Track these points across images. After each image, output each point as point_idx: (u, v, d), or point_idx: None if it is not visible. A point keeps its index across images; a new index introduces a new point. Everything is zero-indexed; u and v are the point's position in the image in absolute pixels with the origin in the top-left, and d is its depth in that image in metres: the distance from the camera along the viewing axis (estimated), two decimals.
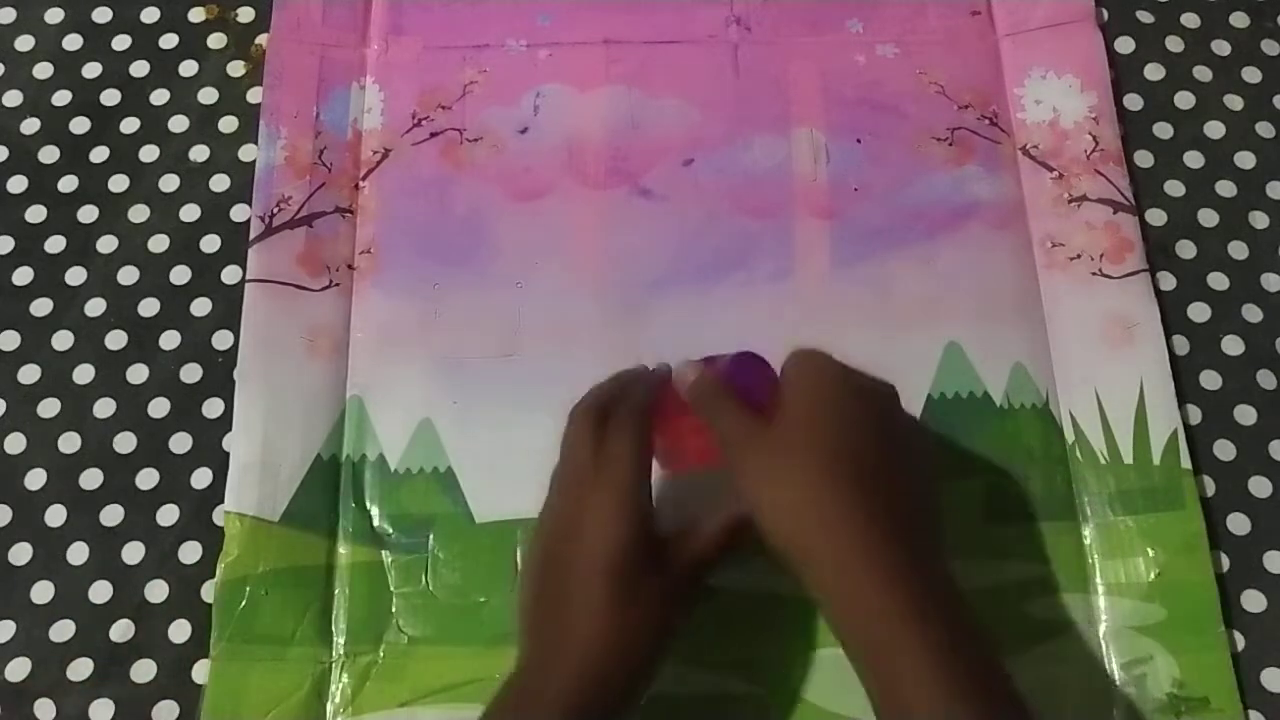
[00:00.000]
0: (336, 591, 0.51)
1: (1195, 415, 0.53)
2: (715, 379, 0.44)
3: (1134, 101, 0.60)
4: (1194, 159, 0.59)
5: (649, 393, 0.46)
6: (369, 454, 0.53)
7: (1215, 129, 0.59)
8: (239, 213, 0.58)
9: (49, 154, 0.59)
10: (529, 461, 0.52)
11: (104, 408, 0.54)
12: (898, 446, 0.42)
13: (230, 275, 0.57)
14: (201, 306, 0.56)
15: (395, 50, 0.61)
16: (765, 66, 0.60)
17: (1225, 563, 0.51)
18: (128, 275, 0.57)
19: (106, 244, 0.57)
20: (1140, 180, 0.58)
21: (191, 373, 0.55)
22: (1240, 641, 0.50)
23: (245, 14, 0.62)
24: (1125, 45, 0.61)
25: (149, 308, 0.56)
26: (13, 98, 0.61)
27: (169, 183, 0.59)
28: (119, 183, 0.59)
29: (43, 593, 0.51)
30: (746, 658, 0.49)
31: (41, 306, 0.56)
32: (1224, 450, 0.53)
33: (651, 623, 0.42)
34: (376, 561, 0.51)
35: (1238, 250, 0.57)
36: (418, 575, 0.51)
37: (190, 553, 0.52)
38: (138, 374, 0.55)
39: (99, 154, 0.59)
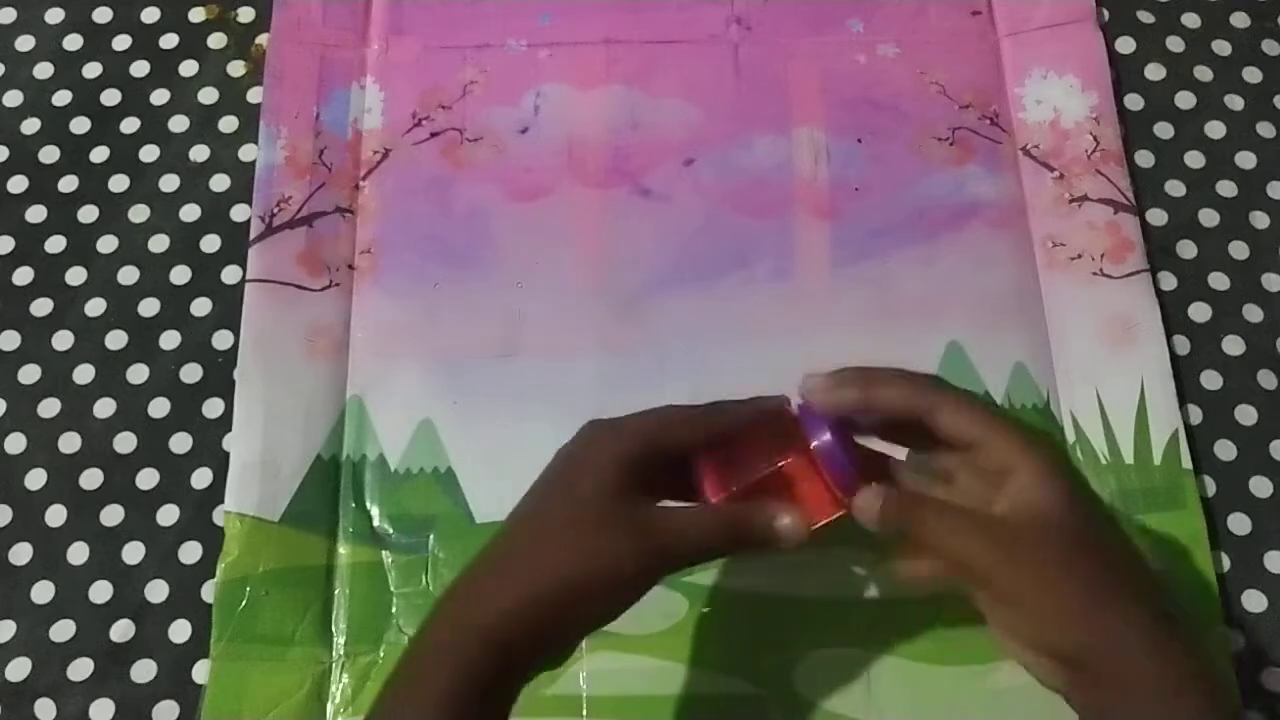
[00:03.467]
0: (337, 591, 0.51)
1: (1196, 415, 0.53)
2: (926, 501, 0.40)
3: (1134, 101, 0.60)
4: (1194, 159, 0.59)
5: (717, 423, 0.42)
6: (369, 454, 0.53)
7: (1216, 129, 0.59)
8: (239, 213, 0.58)
9: (49, 154, 0.59)
10: (529, 461, 0.52)
11: (104, 408, 0.54)
12: (1105, 507, 0.40)
13: (230, 275, 0.56)
14: (201, 306, 0.56)
15: (395, 50, 0.61)
16: (766, 66, 0.60)
17: (1226, 563, 0.51)
18: (128, 275, 0.57)
19: (106, 244, 0.57)
20: (1141, 180, 0.58)
21: (191, 373, 0.55)
22: (1240, 641, 0.50)
23: (245, 14, 0.62)
24: (1126, 45, 0.61)
25: (149, 308, 0.56)
26: (13, 98, 0.60)
27: (169, 183, 0.59)
28: (119, 183, 0.59)
29: (43, 593, 0.51)
30: (746, 658, 0.49)
31: (41, 306, 0.56)
32: (1225, 450, 0.53)
33: (623, 560, 0.39)
34: (377, 561, 0.51)
35: (1238, 250, 0.57)
36: (418, 575, 0.51)
37: (190, 553, 0.52)
38: (138, 374, 0.55)
39: (99, 154, 0.59)
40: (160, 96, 0.60)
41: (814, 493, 0.41)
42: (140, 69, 0.61)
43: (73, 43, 0.62)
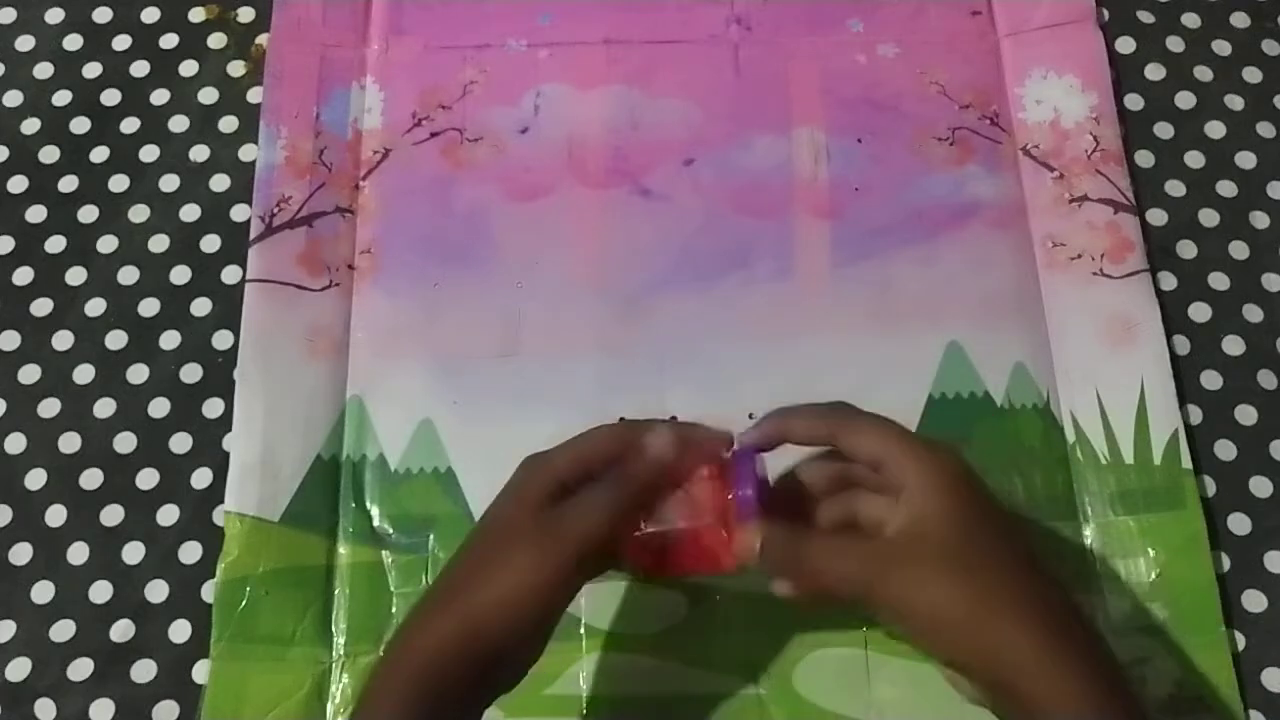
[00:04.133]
0: (336, 591, 0.51)
1: (1196, 415, 0.53)
2: (801, 534, 0.41)
3: (1134, 101, 0.60)
4: (1194, 159, 0.59)
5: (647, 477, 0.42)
6: (369, 454, 0.53)
7: (1216, 129, 0.59)
8: (239, 213, 0.58)
9: (49, 154, 0.59)
10: None
11: (104, 408, 0.54)
12: (1005, 518, 0.41)
13: (230, 275, 0.57)
14: (201, 306, 0.56)
15: (395, 50, 0.61)
16: (766, 66, 0.60)
17: (1226, 563, 0.51)
18: (128, 275, 0.57)
19: (106, 244, 0.57)
20: (1141, 180, 0.58)
21: (191, 373, 0.55)
22: (1241, 641, 0.50)
23: (245, 14, 0.62)
24: (1126, 45, 0.61)
25: (149, 308, 0.56)
26: (13, 98, 0.61)
27: (169, 183, 0.59)
28: (119, 183, 0.59)
29: (43, 593, 0.51)
30: (746, 658, 0.49)
31: (41, 306, 0.56)
32: (1225, 450, 0.53)
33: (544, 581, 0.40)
34: (377, 561, 0.51)
35: (1238, 250, 0.57)
36: (418, 575, 0.51)
37: (190, 553, 0.52)
38: (138, 374, 0.55)
39: (99, 154, 0.59)
40: (160, 96, 0.60)
41: (718, 542, 0.42)
42: (140, 69, 0.61)
43: (73, 43, 0.62)
